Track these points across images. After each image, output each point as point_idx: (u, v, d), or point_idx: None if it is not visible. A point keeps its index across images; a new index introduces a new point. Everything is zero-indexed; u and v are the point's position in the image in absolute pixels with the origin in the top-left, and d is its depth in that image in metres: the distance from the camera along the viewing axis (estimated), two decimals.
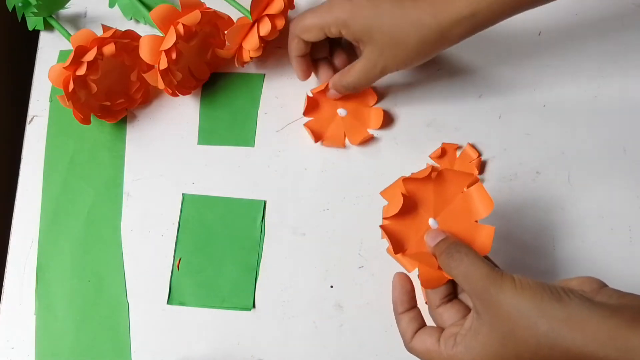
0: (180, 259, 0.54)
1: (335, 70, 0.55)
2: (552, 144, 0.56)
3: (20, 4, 0.58)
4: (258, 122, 0.57)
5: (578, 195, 0.55)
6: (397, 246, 0.44)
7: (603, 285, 0.39)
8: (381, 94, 0.57)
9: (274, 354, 0.52)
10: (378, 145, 0.56)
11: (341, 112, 0.56)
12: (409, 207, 0.45)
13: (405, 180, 0.44)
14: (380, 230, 0.46)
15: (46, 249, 0.55)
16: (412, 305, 0.44)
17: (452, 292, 0.44)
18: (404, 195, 0.44)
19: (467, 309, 0.43)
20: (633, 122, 0.56)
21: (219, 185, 0.56)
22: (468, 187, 0.45)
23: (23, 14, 0.58)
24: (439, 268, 0.43)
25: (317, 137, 0.55)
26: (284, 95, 0.58)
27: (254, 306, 0.53)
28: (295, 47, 0.53)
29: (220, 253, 0.54)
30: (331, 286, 0.53)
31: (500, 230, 0.49)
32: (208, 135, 0.57)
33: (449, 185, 0.45)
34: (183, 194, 0.56)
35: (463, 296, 0.44)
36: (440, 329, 0.42)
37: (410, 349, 0.43)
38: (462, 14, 0.46)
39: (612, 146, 0.56)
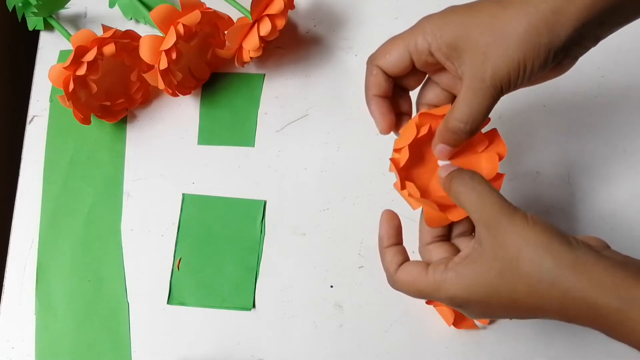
0: (180, 259, 0.54)
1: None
2: (552, 144, 0.56)
3: (20, 4, 0.58)
4: (258, 122, 0.57)
5: (578, 195, 0.55)
6: (404, 182, 0.42)
7: (608, 246, 0.38)
8: None
9: (274, 354, 0.52)
10: (379, 144, 0.56)
11: (442, 163, 0.43)
12: (418, 155, 0.43)
13: (422, 113, 0.42)
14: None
15: (46, 249, 0.55)
16: (398, 241, 0.42)
17: (446, 234, 0.43)
18: (417, 126, 0.41)
19: (459, 251, 0.41)
20: (633, 122, 0.56)
21: (219, 185, 0.56)
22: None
23: (23, 14, 0.58)
24: (442, 210, 0.41)
25: (424, 195, 0.43)
26: (284, 95, 0.58)
27: (254, 306, 0.53)
28: (373, 82, 0.41)
29: (220, 253, 0.54)
30: (331, 286, 0.53)
31: None
32: (208, 135, 0.57)
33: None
34: (183, 194, 0.56)
35: (457, 240, 0.43)
36: (428, 263, 0.40)
37: (394, 282, 0.40)
38: None
39: (612, 146, 0.55)
